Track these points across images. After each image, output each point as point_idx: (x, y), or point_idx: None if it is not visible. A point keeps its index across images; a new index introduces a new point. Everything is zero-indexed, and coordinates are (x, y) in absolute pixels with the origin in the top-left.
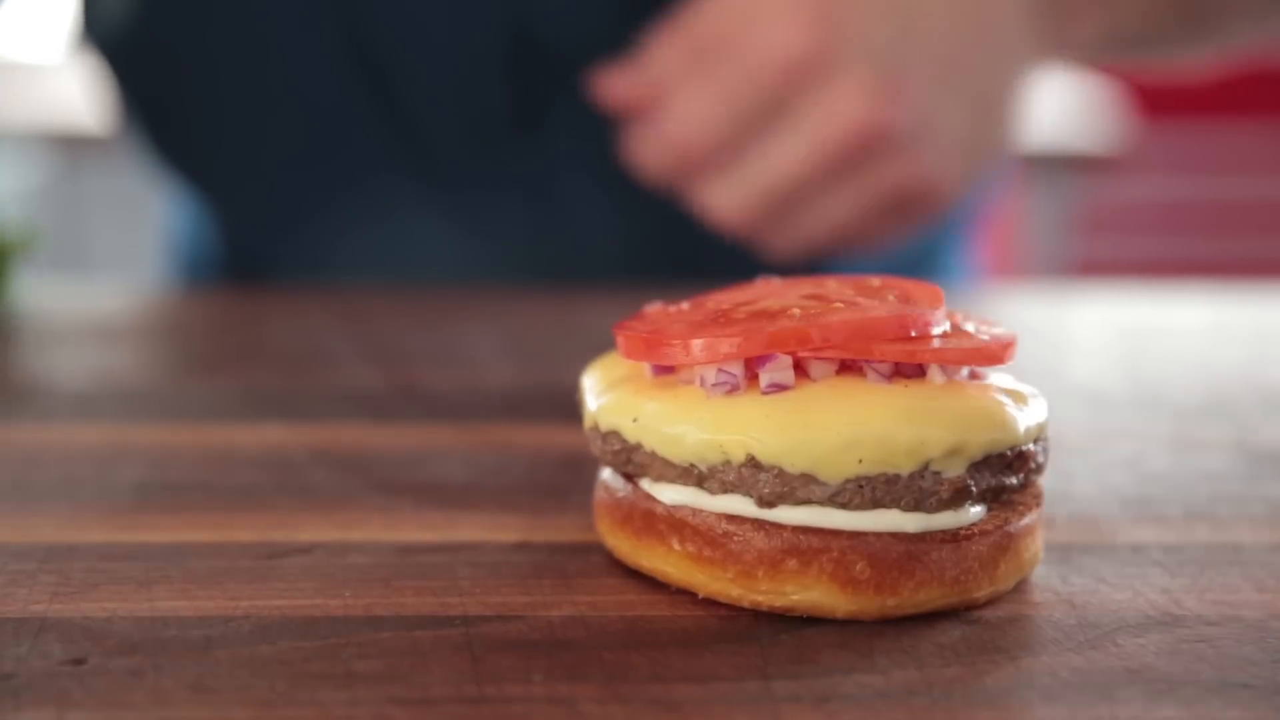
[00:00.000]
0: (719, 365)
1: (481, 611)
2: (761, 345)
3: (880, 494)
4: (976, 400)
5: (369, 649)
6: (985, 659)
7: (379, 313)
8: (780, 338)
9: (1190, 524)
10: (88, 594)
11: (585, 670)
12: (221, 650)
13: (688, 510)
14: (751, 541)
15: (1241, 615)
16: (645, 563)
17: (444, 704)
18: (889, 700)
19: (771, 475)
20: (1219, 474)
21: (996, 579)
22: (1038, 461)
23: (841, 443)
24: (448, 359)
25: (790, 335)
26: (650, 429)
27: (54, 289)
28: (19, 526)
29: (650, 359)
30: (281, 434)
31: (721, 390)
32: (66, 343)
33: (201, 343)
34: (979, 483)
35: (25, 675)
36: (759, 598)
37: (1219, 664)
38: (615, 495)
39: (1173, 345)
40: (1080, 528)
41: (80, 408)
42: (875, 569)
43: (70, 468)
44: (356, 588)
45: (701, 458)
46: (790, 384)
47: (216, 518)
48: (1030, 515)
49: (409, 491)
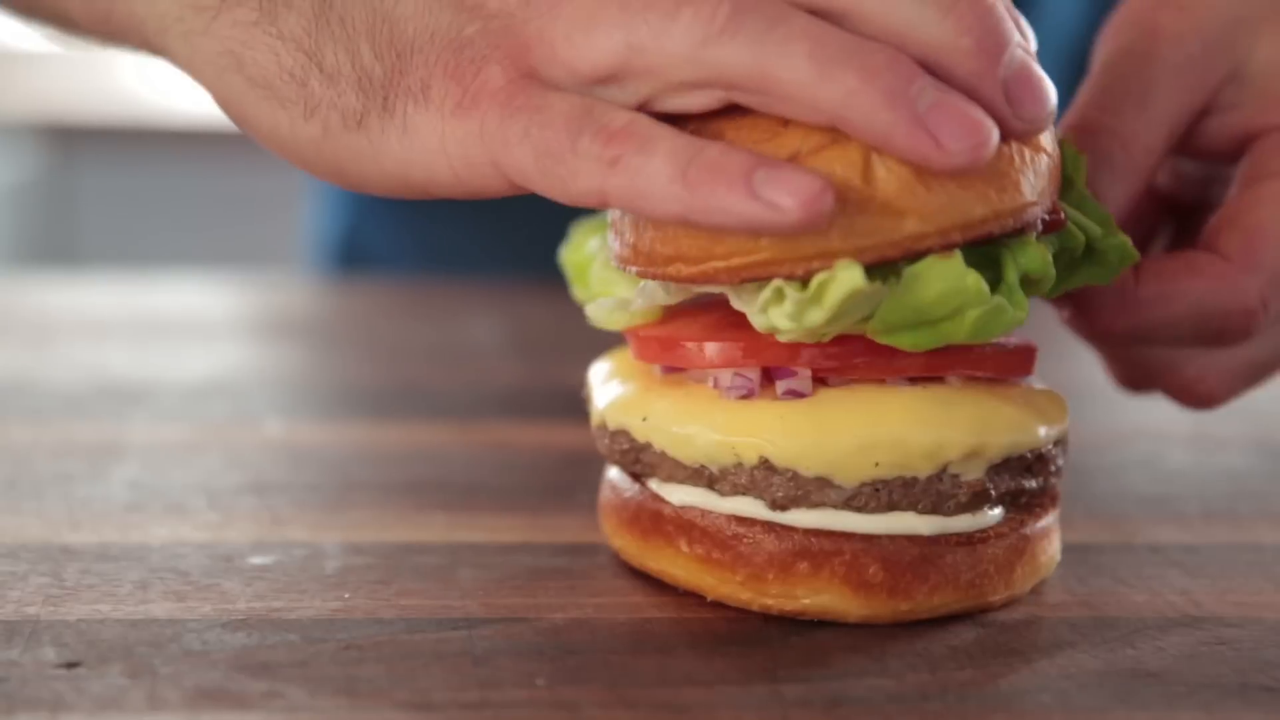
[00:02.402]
0: (735, 369)
1: (484, 614)
2: (783, 356)
3: (897, 497)
4: (996, 402)
5: (369, 652)
6: (1000, 662)
7: (381, 308)
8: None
9: (1209, 523)
10: (81, 596)
11: (590, 674)
12: (217, 653)
13: (696, 511)
14: (762, 544)
15: (1262, 617)
16: (652, 564)
17: (445, 708)
18: (901, 704)
19: (785, 478)
20: (1238, 472)
21: (1013, 583)
22: (1058, 464)
23: (858, 445)
24: (451, 356)
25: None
26: (660, 428)
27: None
28: (13, 527)
29: (664, 362)
30: (282, 433)
31: (736, 394)
32: (59, 339)
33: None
34: (998, 486)
35: (18, 679)
36: (769, 601)
37: (1239, 666)
38: (622, 495)
39: None
40: (1097, 527)
41: (72, 406)
42: (888, 572)
43: (63, 465)
44: (357, 589)
45: (713, 459)
46: (808, 393)
47: (212, 518)
48: (1047, 518)
49: (410, 491)
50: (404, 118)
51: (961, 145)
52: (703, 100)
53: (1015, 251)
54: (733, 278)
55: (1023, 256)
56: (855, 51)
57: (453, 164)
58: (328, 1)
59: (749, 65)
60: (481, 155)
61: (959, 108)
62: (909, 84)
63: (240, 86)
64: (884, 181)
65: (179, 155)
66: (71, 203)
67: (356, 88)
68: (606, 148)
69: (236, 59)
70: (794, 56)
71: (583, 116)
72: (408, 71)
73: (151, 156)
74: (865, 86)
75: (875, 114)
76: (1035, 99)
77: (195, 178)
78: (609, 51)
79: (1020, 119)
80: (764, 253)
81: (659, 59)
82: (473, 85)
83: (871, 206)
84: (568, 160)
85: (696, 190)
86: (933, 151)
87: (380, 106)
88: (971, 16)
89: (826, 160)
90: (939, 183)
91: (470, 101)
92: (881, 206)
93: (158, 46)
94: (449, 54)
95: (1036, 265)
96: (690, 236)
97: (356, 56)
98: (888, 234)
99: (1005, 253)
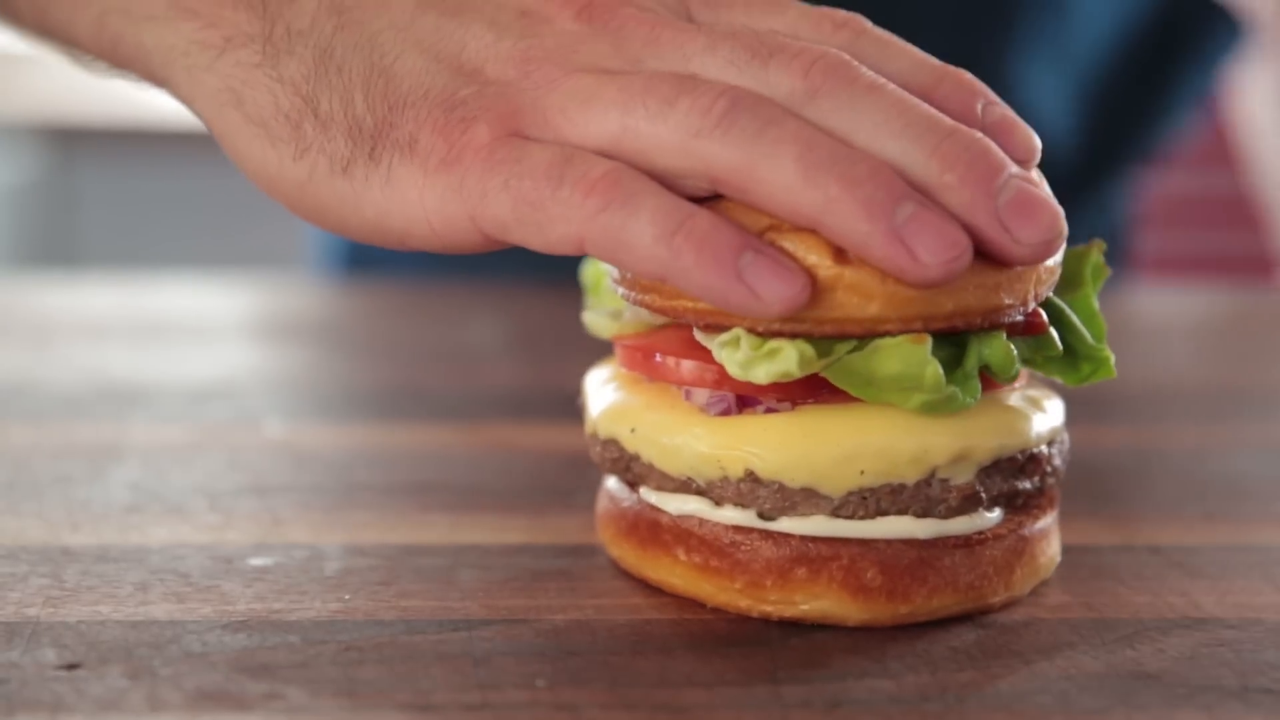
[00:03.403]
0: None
1: (484, 615)
2: (751, 386)
3: (885, 504)
4: (983, 405)
5: (370, 653)
6: (1000, 663)
7: (382, 309)
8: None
9: (1210, 524)
10: (81, 598)
11: (590, 675)
12: (218, 655)
13: (694, 520)
14: (759, 550)
15: (1263, 618)
16: (651, 574)
17: (446, 710)
18: (901, 705)
19: (772, 490)
20: (1239, 473)
21: (1012, 584)
22: (1053, 465)
23: (843, 455)
24: (453, 357)
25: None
26: (648, 440)
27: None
28: (13, 529)
29: (643, 372)
30: (282, 433)
31: (714, 411)
32: (56, 340)
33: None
34: (989, 488)
35: (18, 681)
36: (768, 608)
37: (1240, 668)
38: (620, 505)
39: (1193, 340)
40: (1098, 528)
41: (72, 408)
42: (886, 576)
43: (63, 467)
44: (357, 590)
45: (699, 472)
46: (787, 409)
47: (213, 520)
48: (1046, 518)
49: (411, 492)
50: (388, 168)
51: (936, 259)
52: (686, 188)
53: (982, 342)
54: (699, 320)
55: (988, 349)
56: (841, 160)
57: (430, 218)
58: (329, 51)
59: (737, 163)
60: (459, 210)
61: (935, 222)
62: (889, 195)
63: (236, 122)
64: (856, 262)
65: (179, 156)
66: (71, 203)
67: (347, 135)
68: (588, 197)
69: (236, 96)
70: (781, 158)
71: (563, 165)
72: (397, 125)
73: (152, 158)
74: (845, 195)
75: (853, 223)
76: (1035, 224)
77: (195, 179)
78: (602, 129)
79: (1022, 244)
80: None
81: (651, 143)
82: (459, 142)
83: (840, 284)
84: (547, 207)
85: (681, 258)
86: (907, 264)
87: (367, 155)
88: (955, 153)
89: (803, 237)
90: None
91: (454, 157)
92: (850, 286)
93: (161, 78)
94: (440, 112)
95: (999, 360)
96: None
97: (350, 105)
98: (851, 312)
99: (972, 340)
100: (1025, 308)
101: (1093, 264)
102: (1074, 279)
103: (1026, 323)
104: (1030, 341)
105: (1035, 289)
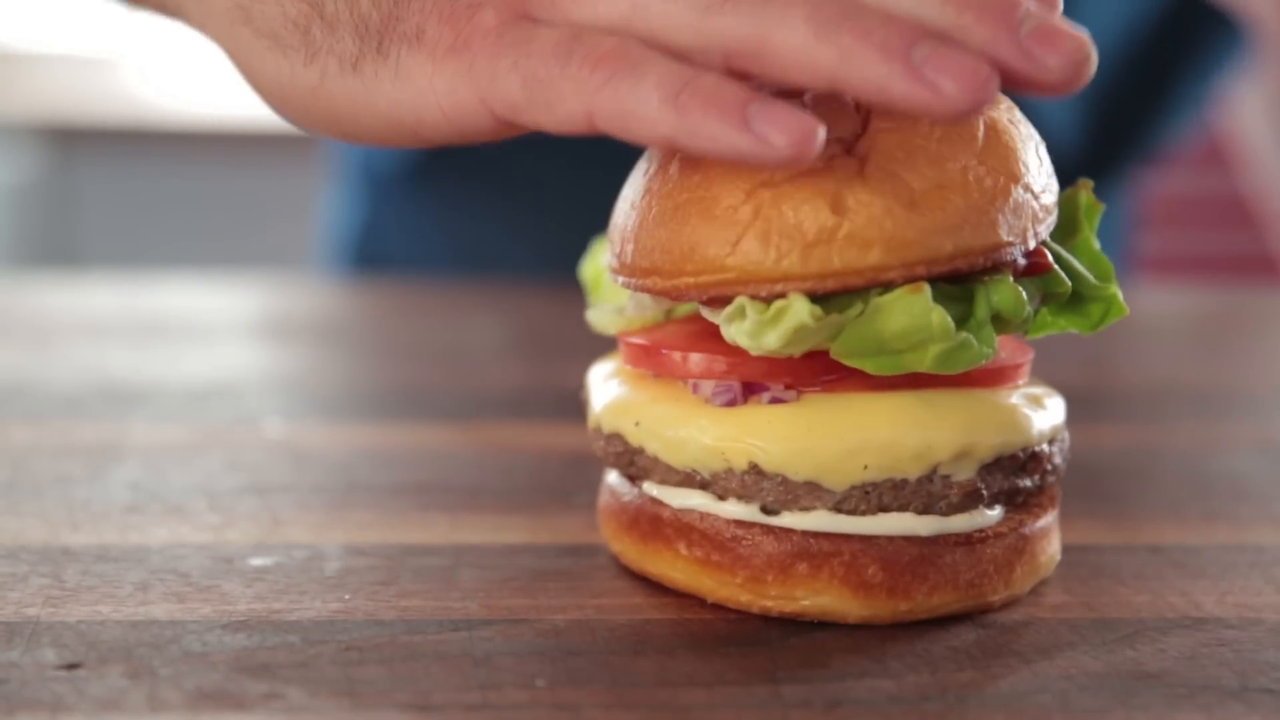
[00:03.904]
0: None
1: (485, 615)
2: (760, 372)
3: (887, 499)
4: (985, 402)
5: (370, 653)
6: (1000, 663)
7: (383, 309)
8: (778, 367)
9: (1210, 524)
10: (81, 598)
11: (591, 675)
12: (218, 655)
13: (695, 514)
14: (760, 545)
15: (1263, 618)
16: (651, 568)
17: (446, 710)
18: (901, 705)
19: (775, 483)
20: (1239, 473)
21: (1012, 583)
22: (1054, 463)
23: (846, 449)
24: (453, 357)
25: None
26: (652, 433)
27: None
28: (13, 528)
29: (648, 368)
30: (282, 433)
31: (720, 401)
32: (57, 339)
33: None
34: (991, 485)
35: (18, 681)
36: (768, 603)
37: (1240, 668)
38: (621, 499)
39: (1193, 340)
40: (1098, 527)
41: (72, 407)
42: (887, 573)
43: (63, 467)
44: (357, 590)
45: (703, 464)
46: (793, 398)
47: (213, 519)
48: (1046, 517)
49: (411, 492)
50: (397, 60)
51: (960, 88)
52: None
53: (989, 288)
54: (701, 294)
55: (996, 294)
56: (851, 14)
57: (441, 103)
58: None
59: (749, 32)
60: (469, 93)
61: (954, 55)
62: (904, 38)
63: (248, 38)
64: (853, 212)
65: (179, 156)
66: (71, 203)
67: (354, 33)
68: (595, 70)
69: (245, 13)
70: (792, 20)
71: (571, 42)
72: (403, 18)
73: (152, 157)
74: (860, 44)
75: (871, 68)
76: (1062, 48)
77: (195, 179)
78: (612, 9)
79: (1051, 70)
80: (731, 273)
81: (661, 21)
82: (465, 28)
83: (838, 235)
84: (555, 84)
85: (688, 115)
86: (932, 99)
87: (375, 50)
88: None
89: (798, 189)
90: (909, 217)
91: (462, 43)
92: (848, 236)
93: (173, 7)
94: (445, 1)
95: (1009, 304)
96: (664, 251)
97: (355, 4)
98: (852, 263)
99: (979, 288)
100: (1026, 245)
101: (1085, 204)
102: (1070, 224)
103: (1030, 264)
104: (1037, 281)
105: (1033, 226)
